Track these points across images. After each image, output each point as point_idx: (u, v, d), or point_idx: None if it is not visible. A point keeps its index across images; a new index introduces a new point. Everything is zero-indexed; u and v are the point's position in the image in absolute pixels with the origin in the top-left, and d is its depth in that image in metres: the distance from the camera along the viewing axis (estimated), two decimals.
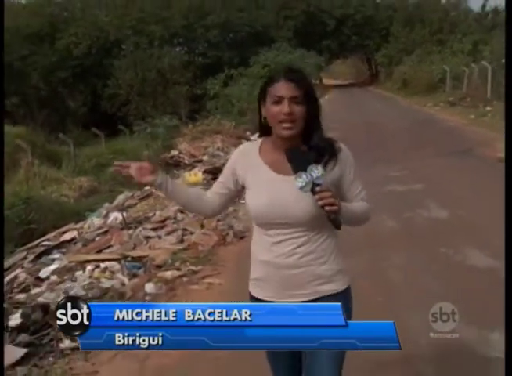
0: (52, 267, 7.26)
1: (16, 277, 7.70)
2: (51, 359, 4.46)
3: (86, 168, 18.85)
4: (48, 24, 47.33)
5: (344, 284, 2.62)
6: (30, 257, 8.78)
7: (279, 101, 2.44)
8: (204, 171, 12.52)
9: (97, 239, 8.70)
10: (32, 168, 17.09)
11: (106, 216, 10.24)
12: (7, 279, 7.62)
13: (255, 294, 2.67)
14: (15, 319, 4.94)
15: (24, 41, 45.04)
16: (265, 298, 2.60)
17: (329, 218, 2.35)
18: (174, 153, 17.84)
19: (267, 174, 2.56)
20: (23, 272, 7.87)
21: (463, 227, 7.14)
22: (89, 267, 6.78)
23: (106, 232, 9.11)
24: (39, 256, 8.71)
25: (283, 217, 2.48)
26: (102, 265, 6.83)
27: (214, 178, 12.13)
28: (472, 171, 10.87)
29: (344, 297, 2.57)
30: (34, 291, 6.27)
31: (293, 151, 2.41)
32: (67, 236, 9.59)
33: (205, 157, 15.97)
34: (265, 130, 2.64)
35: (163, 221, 8.73)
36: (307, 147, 2.51)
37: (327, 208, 2.31)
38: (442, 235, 6.87)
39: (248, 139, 18.54)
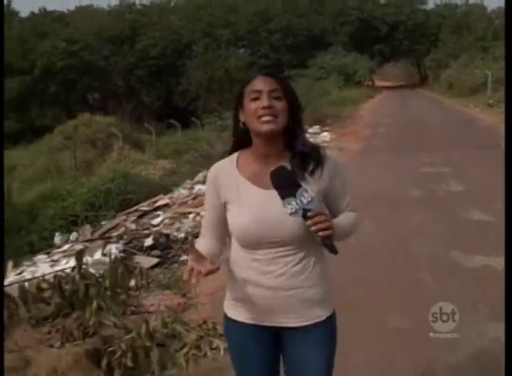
0: (161, 218, 8.98)
1: (126, 229, 9.39)
2: (175, 265, 6.25)
3: (165, 153, 20.36)
4: (129, 28, 49.64)
5: (329, 310, 2.30)
6: (131, 219, 10.35)
7: (257, 97, 2.12)
8: None
9: (189, 202, 10.34)
10: (123, 151, 18.93)
11: (191, 188, 11.77)
12: (117, 233, 9.30)
13: (232, 316, 2.34)
14: (148, 242, 6.79)
15: (107, 42, 47.22)
16: (245, 321, 2.29)
17: (324, 244, 2.05)
18: None
19: (249, 189, 2.20)
20: (132, 224, 9.59)
21: (473, 197, 8.65)
22: (191, 215, 8.54)
23: (193, 198, 10.70)
24: (138, 218, 10.35)
25: (270, 236, 2.13)
26: (202, 213, 8.52)
27: None
28: (493, 160, 12.16)
29: (329, 322, 2.30)
30: (154, 229, 8.06)
31: (279, 175, 2.06)
32: (162, 202, 11.12)
33: None
34: (240, 140, 2.28)
35: None
36: (291, 153, 2.20)
37: (321, 233, 2.00)
38: (456, 202, 8.43)
39: (306, 131, 20.05)
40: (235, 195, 2.21)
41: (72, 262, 6.23)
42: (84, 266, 5.08)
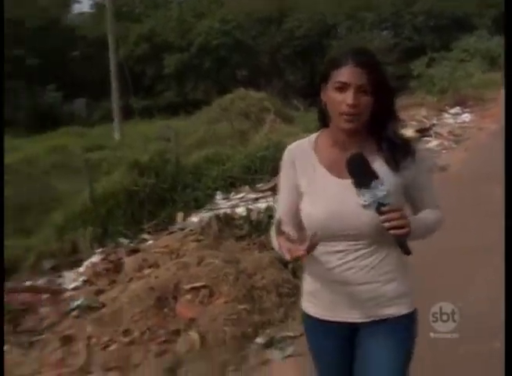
0: None
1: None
2: None
3: (311, 127, 21.34)
4: (276, 9, 50.80)
5: (408, 308, 2.16)
6: None
7: (343, 88, 1.94)
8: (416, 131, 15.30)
9: None
10: (275, 123, 20.14)
11: None
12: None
13: (306, 311, 2.24)
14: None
15: (256, 23, 48.86)
16: (316, 316, 2.19)
17: (397, 243, 1.93)
18: None
19: (324, 177, 2.07)
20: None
21: None
22: None
23: None
24: None
25: (345, 229, 2.01)
26: None
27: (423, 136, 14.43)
28: None
29: (407, 321, 2.16)
30: None
31: (355, 162, 1.94)
32: None
33: (413, 122, 17.92)
34: (324, 118, 2.13)
35: None
36: (376, 141, 2.06)
37: (393, 232, 1.88)
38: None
39: (447, 112, 20.39)
40: (310, 182, 2.09)
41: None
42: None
